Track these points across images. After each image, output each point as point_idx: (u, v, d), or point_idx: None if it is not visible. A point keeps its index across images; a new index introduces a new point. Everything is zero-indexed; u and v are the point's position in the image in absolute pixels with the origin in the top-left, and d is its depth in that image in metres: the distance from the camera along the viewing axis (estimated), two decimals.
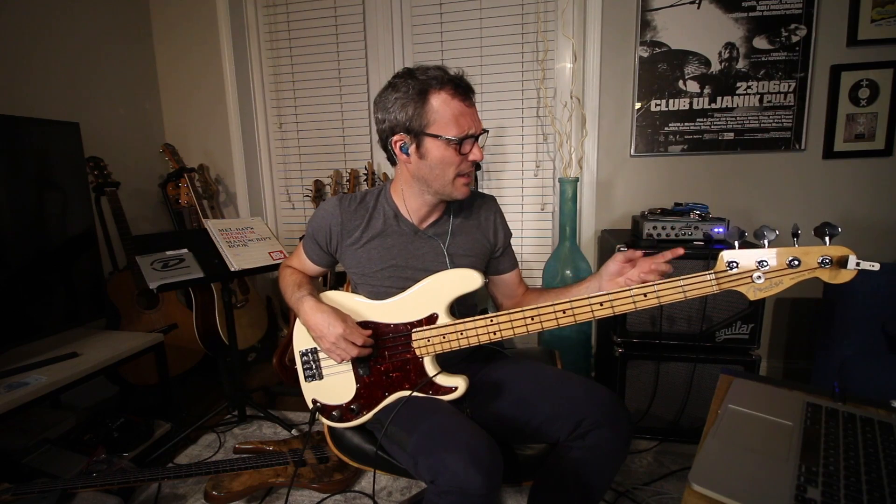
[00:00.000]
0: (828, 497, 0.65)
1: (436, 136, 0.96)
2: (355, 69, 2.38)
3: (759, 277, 0.80)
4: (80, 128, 1.69)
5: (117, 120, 2.29)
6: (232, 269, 1.74)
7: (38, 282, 1.56)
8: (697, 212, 1.68)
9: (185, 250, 1.71)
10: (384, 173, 2.40)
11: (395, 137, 1.00)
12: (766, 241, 0.80)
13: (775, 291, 0.81)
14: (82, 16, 2.11)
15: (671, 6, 1.96)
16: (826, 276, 0.78)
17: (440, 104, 0.95)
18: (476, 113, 1.00)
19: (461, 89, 0.97)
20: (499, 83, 2.22)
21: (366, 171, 2.29)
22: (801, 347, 2.11)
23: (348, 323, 1.00)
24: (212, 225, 1.82)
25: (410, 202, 1.08)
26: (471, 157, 0.99)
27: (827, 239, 0.77)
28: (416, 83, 0.96)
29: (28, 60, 1.90)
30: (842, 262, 0.76)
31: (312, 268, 1.19)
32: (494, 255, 1.18)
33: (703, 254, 1.57)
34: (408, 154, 1.00)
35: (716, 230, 1.63)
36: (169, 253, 1.67)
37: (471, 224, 1.14)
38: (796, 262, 0.78)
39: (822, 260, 0.77)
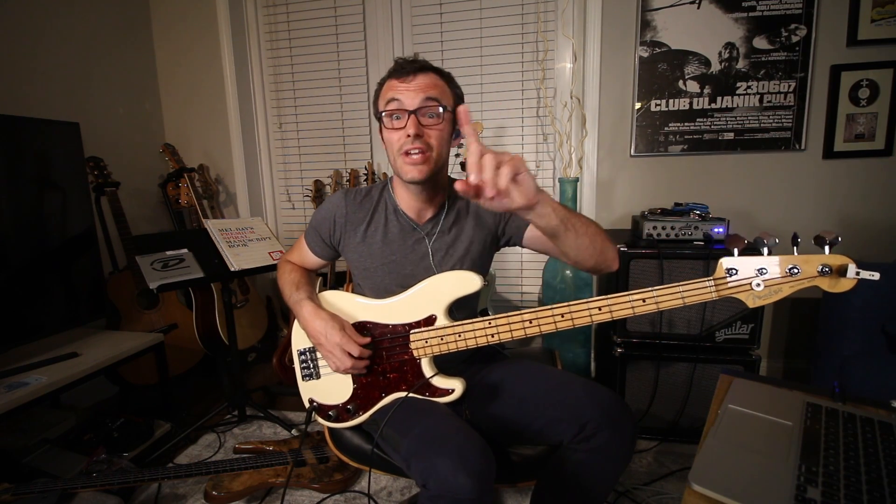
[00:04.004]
0: (828, 497, 0.65)
1: (379, 118, 1.01)
2: (355, 69, 2.38)
3: (758, 285, 0.80)
4: (80, 128, 1.69)
5: (117, 120, 2.29)
6: (232, 269, 1.74)
7: (38, 282, 1.56)
8: (697, 212, 1.68)
9: (185, 250, 1.71)
10: (384, 173, 2.40)
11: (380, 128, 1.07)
12: (765, 249, 0.80)
13: (775, 299, 0.81)
14: (82, 16, 2.11)
15: (671, 6, 1.96)
16: (825, 284, 0.78)
17: (385, 88, 1.01)
18: (416, 88, 0.96)
19: (400, 70, 0.99)
20: (499, 83, 2.22)
21: (366, 171, 2.29)
22: (801, 347, 2.11)
23: (346, 331, 1.00)
24: (212, 225, 1.82)
25: (402, 197, 1.08)
26: (404, 132, 0.96)
27: (826, 248, 0.77)
28: (382, 79, 1.04)
29: (28, 60, 1.90)
30: (841, 271, 0.76)
31: (313, 260, 1.19)
32: (504, 233, 1.12)
33: (703, 254, 1.57)
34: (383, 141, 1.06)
35: (716, 230, 1.63)
36: (169, 253, 1.67)
37: (470, 217, 1.11)
38: (796, 271, 0.78)
39: (822, 269, 0.77)
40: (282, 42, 2.44)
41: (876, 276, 0.74)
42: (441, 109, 0.97)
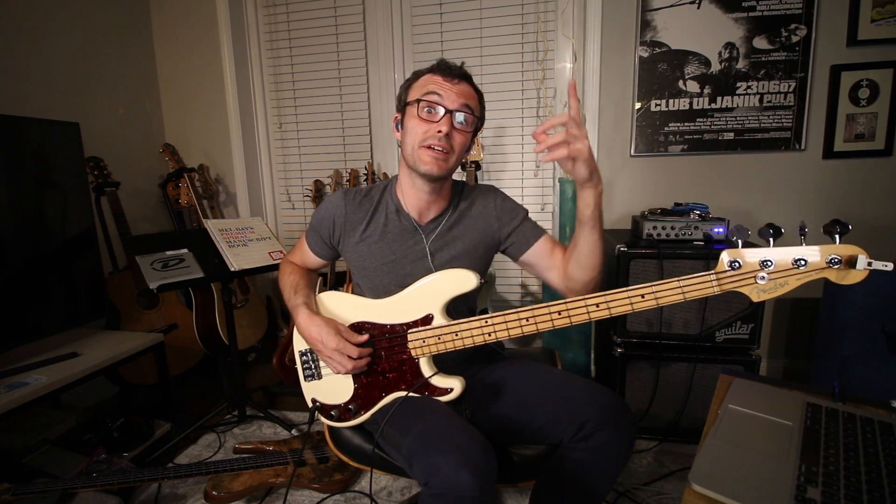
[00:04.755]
0: (828, 497, 0.65)
1: (408, 103, 1.02)
2: (355, 69, 2.38)
3: (762, 278, 0.77)
4: (80, 128, 1.68)
5: (117, 120, 2.29)
6: (232, 269, 1.74)
7: (38, 282, 1.56)
8: (697, 212, 1.68)
9: (185, 250, 1.71)
10: (384, 173, 2.40)
11: (395, 116, 1.08)
12: (770, 240, 0.76)
13: (780, 293, 0.77)
14: (82, 16, 2.11)
15: (671, 6, 1.96)
16: (834, 276, 0.74)
17: (423, 79, 1.02)
18: (459, 92, 0.99)
19: (447, 70, 1.01)
20: (499, 83, 2.22)
21: (366, 171, 2.29)
22: (801, 347, 2.11)
23: (342, 335, 1.00)
24: (212, 225, 1.82)
25: (408, 193, 1.08)
26: (436, 127, 0.98)
27: (837, 237, 0.73)
28: (420, 70, 1.05)
29: (28, 60, 1.90)
30: (851, 262, 0.72)
31: (314, 260, 1.19)
32: (506, 241, 1.12)
33: (703, 254, 1.57)
34: (399, 130, 1.06)
35: (716, 230, 1.63)
36: (169, 253, 1.67)
37: (470, 215, 1.12)
38: (803, 262, 0.74)
39: (831, 259, 0.73)
40: (282, 42, 2.44)
41: (889, 266, 0.70)
42: (473, 119, 1.02)
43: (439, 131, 0.97)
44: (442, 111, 0.98)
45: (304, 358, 1.12)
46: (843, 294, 1.58)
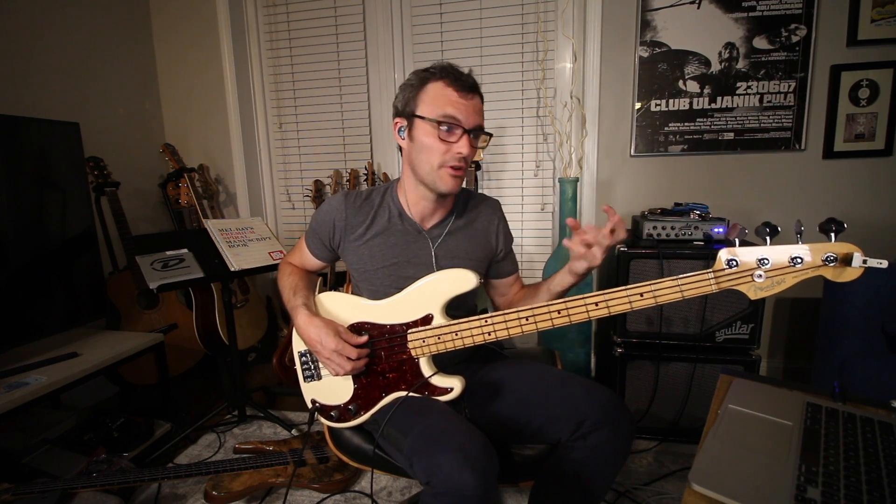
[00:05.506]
0: (828, 497, 0.65)
1: (420, 118, 0.99)
2: (355, 69, 2.38)
3: (759, 276, 0.78)
4: (80, 128, 1.68)
5: (117, 120, 2.29)
6: (232, 269, 1.74)
7: (38, 282, 1.56)
8: (697, 212, 1.68)
9: (185, 250, 1.71)
10: (384, 173, 2.40)
11: (396, 120, 1.05)
12: (767, 239, 0.77)
13: (777, 290, 0.78)
14: (82, 16, 2.11)
15: (671, 6, 1.96)
16: (830, 274, 0.75)
17: (434, 89, 0.99)
18: (474, 109, 0.99)
19: (459, 81, 0.98)
20: (499, 83, 2.22)
21: (366, 171, 2.29)
22: (801, 347, 2.11)
23: (341, 336, 1.00)
24: (212, 225, 1.82)
25: (412, 199, 1.08)
26: (455, 149, 0.97)
27: (832, 235, 0.74)
28: (423, 73, 1.01)
29: (28, 60, 1.90)
30: (847, 260, 0.73)
31: (313, 262, 1.19)
32: (496, 260, 1.19)
33: (703, 254, 1.57)
34: (403, 138, 1.04)
35: (716, 230, 1.63)
36: (169, 253, 1.67)
37: (474, 227, 1.15)
38: (799, 260, 0.75)
39: (827, 257, 0.74)
40: (282, 42, 2.44)
41: (884, 263, 0.71)
42: (483, 135, 1.02)
43: (459, 152, 0.97)
44: (461, 132, 0.98)
45: (304, 359, 1.12)
46: (844, 294, 1.58)
